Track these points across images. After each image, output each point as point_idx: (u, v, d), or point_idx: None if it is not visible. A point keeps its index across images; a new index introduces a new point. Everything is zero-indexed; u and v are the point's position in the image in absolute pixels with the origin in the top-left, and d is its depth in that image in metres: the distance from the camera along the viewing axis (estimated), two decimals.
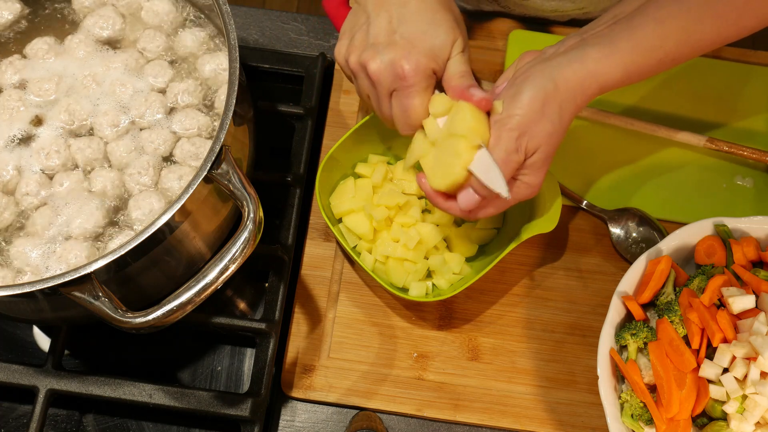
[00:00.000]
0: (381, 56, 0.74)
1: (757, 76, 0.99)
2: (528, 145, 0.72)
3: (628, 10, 0.75)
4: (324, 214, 0.86)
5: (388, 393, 0.86)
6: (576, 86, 0.72)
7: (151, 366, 0.90)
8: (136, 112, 0.82)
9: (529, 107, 0.71)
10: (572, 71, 0.72)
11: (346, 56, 0.77)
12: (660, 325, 0.79)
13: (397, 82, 0.74)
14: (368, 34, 0.75)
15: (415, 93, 0.75)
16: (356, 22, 0.77)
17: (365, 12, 0.76)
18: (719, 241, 0.83)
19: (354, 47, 0.76)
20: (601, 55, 0.72)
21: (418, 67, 0.73)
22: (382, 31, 0.74)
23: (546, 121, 0.71)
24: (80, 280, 0.68)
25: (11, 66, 0.84)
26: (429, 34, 0.74)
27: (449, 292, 0.84)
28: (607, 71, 0.72)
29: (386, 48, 0.74)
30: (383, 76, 0.74)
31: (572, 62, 0.72)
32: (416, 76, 0.74)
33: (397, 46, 0.73)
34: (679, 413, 0.75)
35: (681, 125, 0.95)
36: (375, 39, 0.75)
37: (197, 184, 0.71)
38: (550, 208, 0.85)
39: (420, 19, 0.74)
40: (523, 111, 0.71)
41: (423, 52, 0.74)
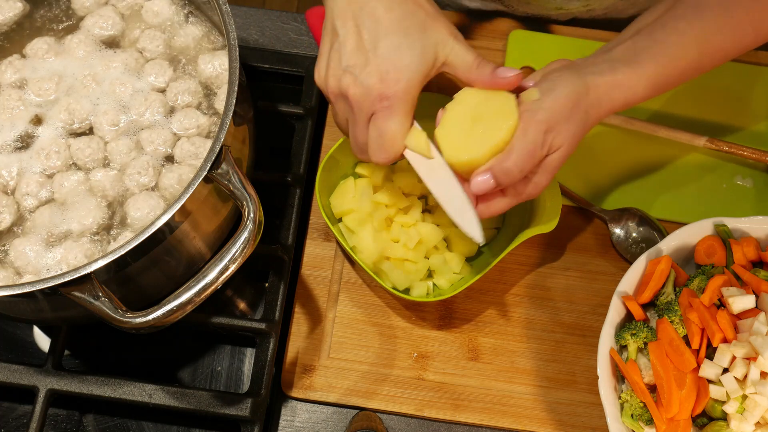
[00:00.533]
0: (359, 80, 0.71)
1: (757, 76, 0.99)
2: (553, 142, 0.71)
3: (649, 21, 0.75)
4: (324, 214, 0.86)
5: (388, 393, 0.86)
6: (604, 94, 0.72)
7: (151, 366, 0.90)
8: (136, 111, 0.82)
9: (563, 104, 0.70)
10: (603, 81, 0.72)
11: (325, 81, 0.74)
12: (660, 325, 0.79)
13: (375, 104, 0.71)
14: (342, 56, 0.72)
15: (394, 114, 0.71)
16: (330, 41, 0.74)
17: (334, 30, 0.73)
18: (719, 241, 0.83)
19: (331, 71, 0.73)
20: (627, 68, 0.72)
21: (398, 88, 0.71)
22: (355, 51, 0.71)
23: (573, 121, 0.71)
24: (80, 280, 0.68)
25: (11, 66, 0.84)
26: (404, 48, 0.71)
27: (449, 292, 0.84)
28: (633, 84, 0.73)
29: (363, 70, 0.71)
30: (362, 100, 0.71)
31: (604, 72, 0.72)
32: (395, 96, 0.71)
33: (373, 68, 0.71)
34: (679, 413, 0.75)
35: (681, 125, 0.95)
36: (350, 61, 0.71)
37: (197, 184, 0.70)
38: (550, 208, 0.84)
39: (391, 33, 0.71)
40: (556, 106, 0.70)
41: (400, 69, 0.71)
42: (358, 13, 0.71)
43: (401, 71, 0.71)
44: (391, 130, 0.72)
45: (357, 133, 0.74)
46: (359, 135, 0.74)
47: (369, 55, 0.71)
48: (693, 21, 0.73)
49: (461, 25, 1.02)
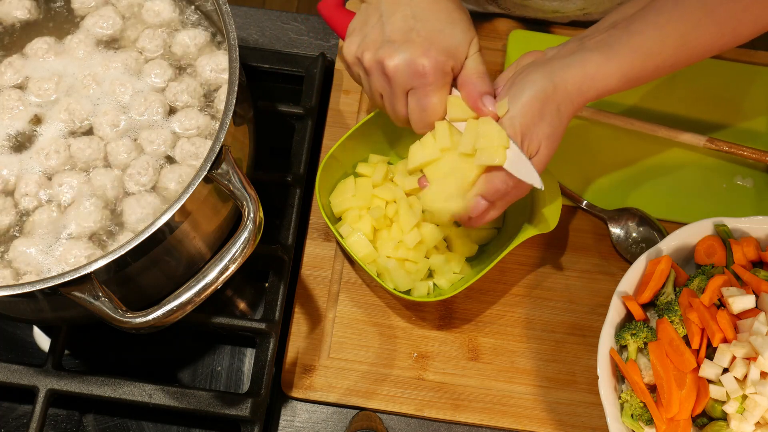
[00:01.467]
0: (399, 53, 0.73)
1: (757, 76, 0.99)
2: (530, 147, 0.72)
3: (627, 15, 0.75)
4: (324, 214, 0.86)
5: (388, 393, 0.86)
6: (574, 89, 0.72)
7: (151, 366, 0.90)
8: (136, 112, 0.82)
9: (530, 108, 0.71)
10: (571, 74, 0.72)
11: (358, 54, 0.76)
12: (660, 325, 0.79)
13: (414, 80, 0.74)
14: (383, 32, 0.74)
15: (434, 90, 0.74)
16: (367, 20, 0.76)
17: (377, 10, 0.75)
18: (719, 241, 0.83)
19: (368, 44, 0.75)
20: (600, 59, 0.72)
21: (437, 65, 0.73)
22: (399, 29, 0.74)
23: (545, 123, 0.72)
24: (80, 280, 0.68)
25: (11, 66, 0.84)
26: (447, 33, 0.74)
27: (450, 292, 0.84)
28: (606, 75, 0.73)
29: (403, 45, 0.73)
30: (400, 73, 0.74)
31: (572, 65, 0.72)
32: (435, 74, 0.73)
33: (414, 44, 0.73)
34: (679, 413, 0.75)
35: (681, 125, 0.95)
36: (391, 36, 0.74)
37: (197, 184, 0.70)
38: (550, 208, 0.84)
39: (437, 18, 0.74)
40: (524, 112, 0.71)
41: (442, 50, 0.73)
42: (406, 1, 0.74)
43: (439, 51, 0.73)
44: (432, 104, 0.75)
45: (396, 106, 0.77)
46: (398, 107, 0.77)
47: (412, 34, 0.74)
48: (672, 16, 0.73)
49: None
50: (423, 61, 0.73)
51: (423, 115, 0.76)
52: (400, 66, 0.73)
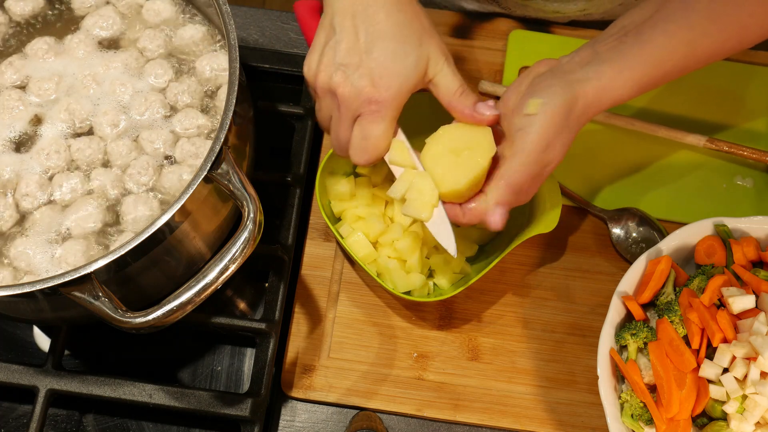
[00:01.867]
0: (350, 80, 0.71)
1: (757, 76, 0.99)
2: (551, 157, 0.72)
3: (637, 20, 0.75)
4: (324, 214, 0.86)
5: (388, 393, 0.86)
6: (593, 101, 0.73)
7: (151, 366, 0.90)
8: (136, 112, 0.82)
9: (556, 121, 0.71)
10: (591, 87, 0.72)
11: (315, 74, 0.74)
12: (660, 325, 0.79)
13: (364, 106, 0.72)
14: (336, 53, 0.72)
15: (380, 119, 0.72)
16: (326, 37, 0.74)
17: (332, 26, 0.73)
18: (719, 241, 0.83)
19: (323, 66, 0.73)
20: (614, 71, 0.73)
21: (389, 94, 0.71)
22: (351, 50, 0.72)
23: (565, 133, 0.72)
24: (80, 280, 0.68)
25: (11, 66, 0.84)
26: (399, 55, 0.71)
27: (450, 292, 0.84)
28: (620, 86, 0.73)
29: (356, 71, 0.71)
30: (351, 100, 0.72)
31: (590, 78, 0.72)
32: (384, 101, 0.71)
33: (366, 69, 0.71)
34: (679, 413, 0.75)
35: (681, 125, 0.95)
36: (344, 59, 0.72)
37: (197, 184, 0.70)
38: (550, 208, 0.85)
39: (392, 36, 0.71)
40: (550, 124, 0.71)
41: (393, 75, 0.71)
42: (359, 13, 0.71)
43: (393, 78, 0.71)
44: (376, 135, 0.73)
45: (340, 131, 0.75)
46: (342, 133, 0.75)
47: (363, 57, 0.71)
48: (681, 24, 0.73)
49: (461, 26, 1.02)
50: (373, 90, 0.71)
51: (363, 143, 0.73)
52: (351, 94, 0.71)
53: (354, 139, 0.74)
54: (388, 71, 0.71)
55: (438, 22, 1.02)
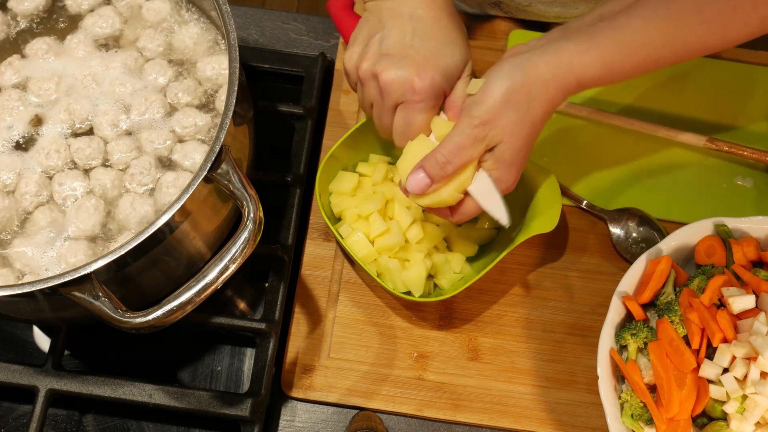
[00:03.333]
0: (395, 68, 0.74)
1: (757, 76, 0.99)
2: (491, 134, 0.72)
3: (615, 8, 0.74)
4: (324, 214, 0.86)
5: (388, 393, 0.86)
6: (547, 75, 0.71)
7: (151, 366, 0.90)
8: (136, 111, 0.82)
9: (493, 95, 0.71)
10: (544, 61, 0.71)
11: (357, 63, 0.77)
12: (660, 325, 0.79)
13: (406, 95, 0.75)
14: (382, 44, 0.76)
15: (423, 109, 0.76)
16: (369, 30, 0.78)
17: (380, 21, 0.77)
18: (719, 241, 0.83)
19: (367, 55, 0.76)
20: (578, 48, 0.71)
21: (432, 85, 0.74)
22: (398, 43, 0.75)
23: (512, 110, 0.71)
24: (80, 280, 0.68)
25: (11, 66, 0.84)
26: (444, 54, 0.75)
27: (450, 292, 0.84)
28: (585, 65, 0.71)
29: (401, 61, 0.74)
30: (394, 87, 0.75)
31: (545, 53, 0.72)
32: (427, 92, 0.75)
33: (412, 61, 0.74)
34: (679, 413, 0.75)
35: (681, 125, 0.95)
36: (389, 50, 0.75)
37: (197, 184, 0.70)
38: (550, 208, 0.84)
39: (436, 37, 0.75)
40: (488, 99, 0.71)
41: (437, 70, 0.74)
42: (406, 14, 0.76)
43: (437, 71, 0.75)
44: (418, 122, 0.76)
45: (382, 116, 0.78)
46: (384, 118, 0.78)
47: (409, 51, 0.75)
48: (659, 12, 0.72)
49: None
50: (417, 79, 0.74)
51: (406, 129, 0.77)
52: (395, 81, 0.75)
53: (397, 126, 0.78)
54: (432, 65, 0.75)
55: None
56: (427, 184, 0.73)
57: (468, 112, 0.72)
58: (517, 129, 0.72)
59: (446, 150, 0.72)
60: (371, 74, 0.76)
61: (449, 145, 0.72)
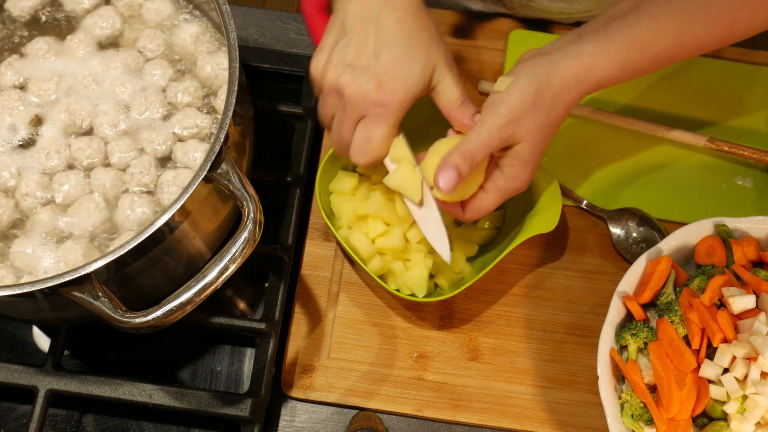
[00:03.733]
0: (358, 81, 0.73)
1: (757, 76, 0.99)
2: (515, 134, 0.72)
3: (625, 7, 0.75)
4: (324, 214, 0.86)
5: (388, 393, 0.86)
6: (571, 79, 0.72)
7: (151, 366, 0.90)
8: (136, 111, 0.82)
9: (521, 97, 0.71)
10: (567, 65, 0.72)
11: (322, 73, 0.75)
12: (660, 325, 0.79)
13: (368, 109, 0.73)
14: (346, 52, 0.74)
15: (384, 123, 0.74)
16: (335, 36, 0.75)
17: (343, 28, 0.75)
18: (719, 241, 0.83)
19: (331, 65, 0.74)
20: (596, 50, 0.72)
21: (394, 99, 0.73)
22: (361, 53, 0.73)
23: (537, 112, 0.72)
24: (80, 280, 0.68)
25: (11, 66, 0.84)
26: (407, 61, 0.73)
27: (450, 292, 0.84)
28: (603, 66, 0.72)
29: (364, 73, 0.73)
30: (357, 102, 0.73)
31: (568, 57, 0.72)
32: (390, 106, 0.73)
33: (374, 73, 0.72)
34: (680, 413, 0.75)
35: (681, 125, 0.95)
36: (353, 60, 0.73)
37: (197, 184, 0.70)
38: (550, 208, 0.84)
39: (398, 44, 0.73)
40: (515, 99, 0.71)
41: (400, 81, 0.73)
42: (370, 18, 0.73)
43: (399, 82, 0.73)
44: (378, 137, 0.74)
45: (342, 130, 0.76)
46: (344, 132, 0.76)
47: (372, 60, 0.73)
48: (669, 10, 0.73)
49: (462, 25, 1.02)
50: (379, 92, 0.72)
51: (365, 144, 0.75)
52: (358, 95, 0.73)
53: (356, 140, 0.75)
54: (395, 76, 0.73)
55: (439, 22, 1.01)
56: (457, 179, 0.72)
57: (495, 110, 0.72)
58: (539, 130, 0.72)
59: (473, 145, 0.72)
60: (335, 87, 0.74)
61: (475, 140, 0.72)
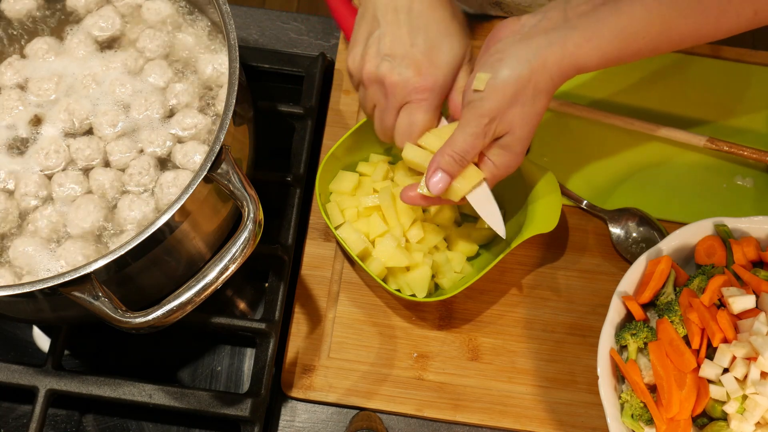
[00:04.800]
0: (398, 70, 0.75)
1: (757, 76, 0.99)
2: (497, 129, 0.73)
3: None
4: (324, 214, 0.86)
5: (388, 393, 0.86)
6: (554, 68, 0.71)
7: (151, 366, 0.90)
8: (136, 112, 0.82)
9: (503, 93, 0.71)
10: (551, 53, 0.71)
11: (360, 65, 0.77)
12: (660, 325, 0.79)
13: (410, 95, 0.75)
14: (380, 43, 0.76)
15: (428, 108, 0.76)
16: (367, 28, 0.77)
17: (374, 17, 0.76)
18: (719, 241, 0.83)
19: (369, 57, 0.76)
20: (582, 39, 0.71)
21: (435, 83, 0.75)
22: (396, 42, 0.75)
23: (519, 105, 0.72)
24: (80, 280, 0.68)
25: (11, 66, 0.84)
26: (443, 47, 0.75)
27: (450, 292, 0.84)
28: (587, 54, 0.71)
29: (403, 62, 0.75)
30: (398, 89, 0.75)
31: (552, 45, 0.71)
32: (431, 91, 0.75)
33: (412, 60, 0.74)
34: (680, 413, 0.75)
35: (681, 125, 0.95)
36: (389, 50, 0.75)
37: (197, 184, 0.70)
38: (550, 208, 0.84)
39: (432, 30, 0.75)
40: (495, 95, 0.71)
41: (439, 67, 0.75)
42: (402, 8, 0.75)
43: (437, 67, 0.75)
44: (422, 121, 0.77)
45: (385, 118, 0.78)
46: (387, 119, 0.78)
47: (409, 48, 0.75)
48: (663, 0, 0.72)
49: None
50: (419, 79, 0.74)
51: (410, 128, 0.77)
52: (399, 83, 0.75)
53: (400, 125, 0.78)
54: (432, 61, 0.75)
55: None
56: (447, 181, 0.74)
57: (475, 109, 0.72)
58: (524, 121, 0.73)
59: (459, 147, 0.73)
60: (375, 77, 0.76)
61: (461, 141, 0.73)
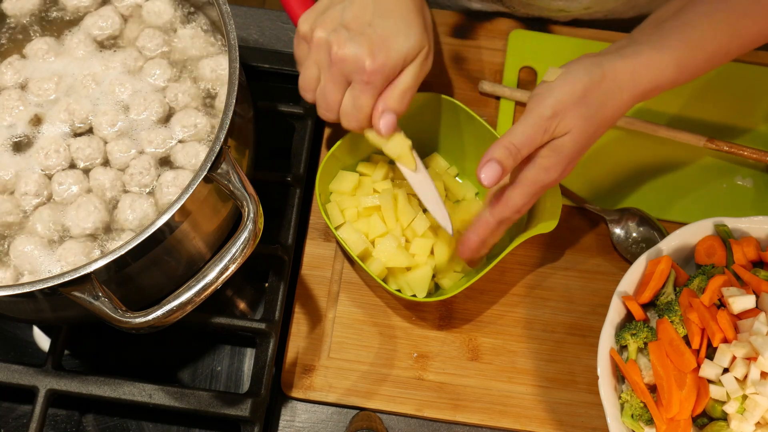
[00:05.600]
0: (350, 43, 0.73)
1: (757, 76, 0.99)
2: (558, 127, 0.71)
3: (671, 9, 0.75)
4: (324, 214, 0.86)
5: (388, 393, 0.86)
6: (625, 79, 0.71)
7: (151, 366, 0.90)
8: (136, 111, 0.82)
9: (572, 89, 0.70)
10: (622, 63, 0.71)
11: (314, 26, 0.76)
12: (660, 325, 0.79)
13: (356, 74, 0.74)
14: (343, 15, 0.74)
15: (372, 92, 0.75)
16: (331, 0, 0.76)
17: None
18: (719, 241, 0.83)
19: (324, 22, 0.75)
20: (653, 49, 0.71)
21: (383, 67, 0.74)
22: (358, 18, 0.74)
23: (584, 106, 0.71)
24: (80, 280, 0.68)
25: (11, 66, 0.84)
26: (401, 37, 0.74)
27: (450, 292, 0.84)
28: (660, 65, 0.71)
29: (357, 37, 0.73)
30: (346, 63, 0.74)
31: (624, 57, 0.71)
32: (377, 74, 0.74)
33: (368, 39, 0.73)
34: (680, 413, 0.75)
35: (681, 125, 0.95)
36: (348, 23, 0.74)
37: (197, 184, 0.70)
38: (550, 208, 0.84)
39: (396, 18, 0.74)
40: (565, 91, 0.70)
41: (390, 53, 0.74)
42: None
43: (391, 53, 0.74)
44: (368, 106, 0.76)
45: (329, 90, 0.77)
46: (331, 95, 0.77)
47: (367, 27, 0.74)
48: (720, 5, 0.72)
49: (461, 25, 1.02)
50: (369, 60, 0.73)
51: (354, 111, 0.76)
52: (348, 56, 0.73)
53: (345, 106, 0.76)
54: (386, 45, 0.73)
55: (439, 22, 1.02)
56: (500, 173, 0.71)
57: (541, 100, 0.71)
58: (586, 125, 0.71)
59: (517, 139, 0.71)
60: (325, 43, 0.75)
61: (519, 132, 0.71)
